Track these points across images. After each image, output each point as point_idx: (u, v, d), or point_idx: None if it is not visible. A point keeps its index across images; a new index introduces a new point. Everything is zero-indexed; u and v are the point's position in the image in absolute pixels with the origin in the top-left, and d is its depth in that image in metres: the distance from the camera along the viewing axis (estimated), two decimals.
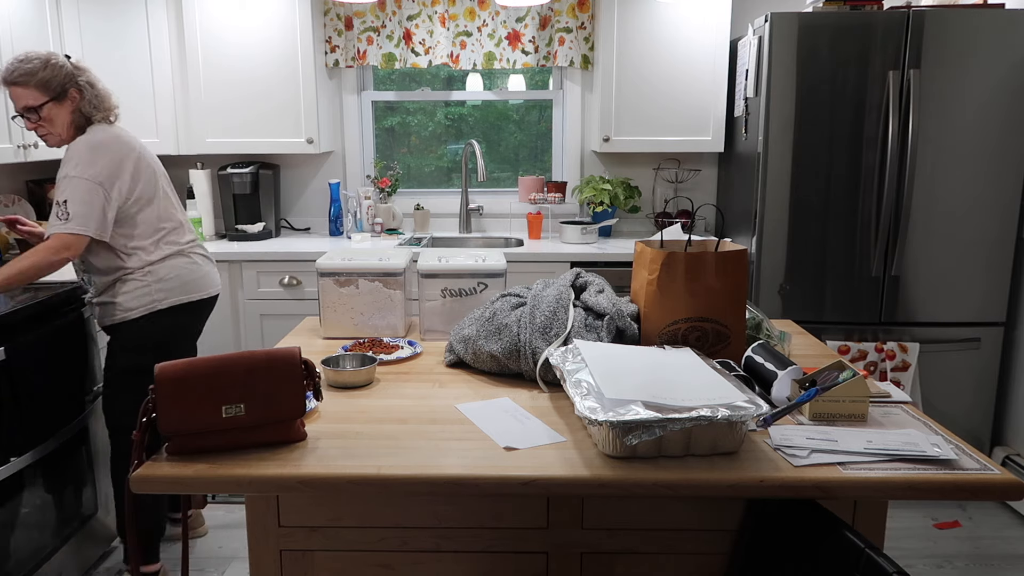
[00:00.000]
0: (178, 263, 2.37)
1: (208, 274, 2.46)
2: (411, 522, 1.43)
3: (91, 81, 2.29)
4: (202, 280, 2.43)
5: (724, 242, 1.80)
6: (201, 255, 2.47)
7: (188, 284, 2.38)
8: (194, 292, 2.40)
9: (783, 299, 3.09)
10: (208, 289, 2.45)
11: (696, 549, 1.43)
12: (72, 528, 2.50)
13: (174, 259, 2.37)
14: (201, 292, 2.42)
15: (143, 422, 1.29)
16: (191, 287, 2.39)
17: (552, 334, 1.64)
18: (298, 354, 1.34)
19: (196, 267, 2.41)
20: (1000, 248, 3.02)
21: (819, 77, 2.93)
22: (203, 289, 2.43)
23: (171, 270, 2.35)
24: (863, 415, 1.44)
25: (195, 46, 3.40)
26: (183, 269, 2.37)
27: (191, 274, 2.39)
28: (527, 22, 3.62)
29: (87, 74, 2.29)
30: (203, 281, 2.43)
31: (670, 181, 3.86)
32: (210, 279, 2.47)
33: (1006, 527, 2.91)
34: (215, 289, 2.49)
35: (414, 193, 3.96)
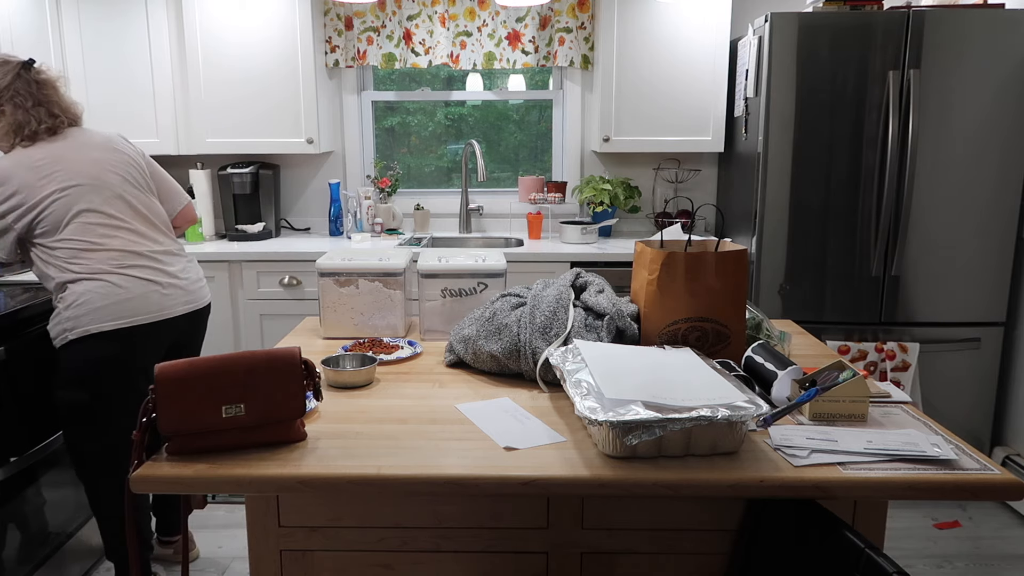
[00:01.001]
0: (89, 287, 2.06)
1: (137, 298, 2.10)
2: (411, 522, 1.43)
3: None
4: (122, 306, 2.07)
5: (724, 242, 1.80)
6: (137, 277, 2.11)
7: (99, 311, 2.05)
8: (108, 320, 2.06)
9: (783, 299, 3.09)
10: (133, 316, 2.09)
11: (696, 549, 1.43)
12: (72, 528, 2.50)
13: (87, 282, 2.06)
14: (120, 320, 2.07)
15: (143, 422, 1.29)
16: (103, 314, 2.06)
17: (552, 334, 1.64)
18: (298, 354, 1.34)
19: (115, 290, 2.07)
20: (1000, 248, 3.02)
21: (819, 77, 2.93)
22: (123, 316, 2.07)
23: (80, 296, 2.06)
24: (863, 415, 1.44)
25: (195, 46, 3.40)
26: (94, 294, 2.05)
27: (103, 299, 2.06)
28: (527, 22, 3.62)
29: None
30: (124, 307, 2.07)
31: (670, 181, 3.86)
32: (140, 304, 2.10)
33: (1006, 527, 2.91)
34: (151, 315, 2.13)
35: (414, 193, 3.96)
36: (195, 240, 3.52)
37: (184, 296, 2.23)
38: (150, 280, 2.15)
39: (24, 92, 2.10)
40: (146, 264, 2.16)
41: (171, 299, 2.18)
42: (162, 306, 2.16)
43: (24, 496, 2.29)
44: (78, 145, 2.15)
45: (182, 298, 2.22)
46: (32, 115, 2.10)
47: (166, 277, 2.19)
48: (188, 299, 2.24)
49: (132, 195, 2.19)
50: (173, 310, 2.19)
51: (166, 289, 2.17)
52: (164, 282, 2.18)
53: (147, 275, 2.15)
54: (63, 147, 2.13)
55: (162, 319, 2.16)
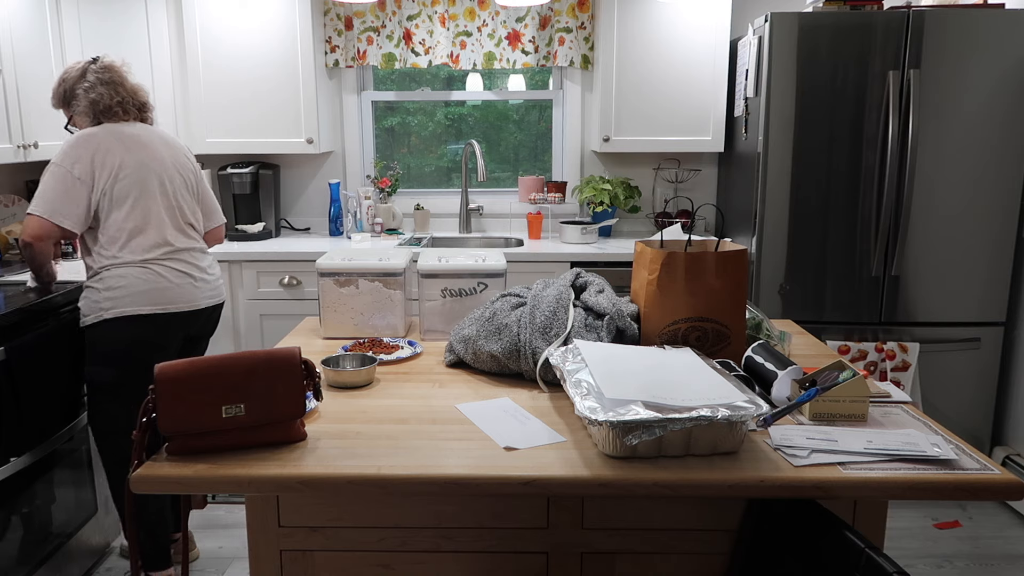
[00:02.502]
0: (132, 272, 2.22)
1: (175, 288, 2.28)
2: (411, 522, 1.43)
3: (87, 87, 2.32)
4: (162, 293, 2.25)
5: (724, 242, 1.80)
6: (175, 268, 2.30)
7: (138, 296, 2.22)
8: (146, 304, 2.22)
9: (783, 299, 3.09)
10: (169, 304, 2.26)
11: (696, 549, 1.43)
12: (72, 528, 2.50)
13: (130, 268, 2.23)
14: (157, 306, 2.24)
15: (143, 422, 1.29)
16: (142, 299, 2.22)
17: (552, 334, 1.64)
18: (298, 354, 1.34)
19: (157, 278, 2.24)
20: (1000, 248, 3.02)
21: (819, 77, 2.93)
22: (160, 303, 2.24)
23: (120, 279, 2.22)
24: (863, 415, 1.44)
25: (195, 46, 3.40)
26: (136, 279, 2.22)
27: (145, 284, 2.23)
28: (527, 22, 3.62)
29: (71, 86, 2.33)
30: (163, 294, 2.25)
31: (670, 181, 3.86)
32: (177, 293, 2.28)
33: (1006, 527, 2.91)
34: (184, 305, 2.30)
35: (414, 193, 3.96)
36: None
37: (210, 291, 2.41)
38: (186, 273, 2.33)
39: (92, 80, 2.31)
40: (185, 259, 2.34)
41: (201, 292, 2.37)
42: (193, 297, 2.34)
43: (24, 496, 2.29)
44: (158, 138, 2.38)
45: (208, 292, 2.40)
46: (103, 92, 2.30)
47: (199, 272, 2.38)
48: (212, 293, 2.42)
49: (184, 197, 2.40)
50: (200, 302, 2.36)
51: (198, 283, 2.36)
52: (197, 276, 2.36)
53: (184, 268, 2.33)
54: (146, 133, 2.35)
55: (191, 310, 2.33)
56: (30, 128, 2.98)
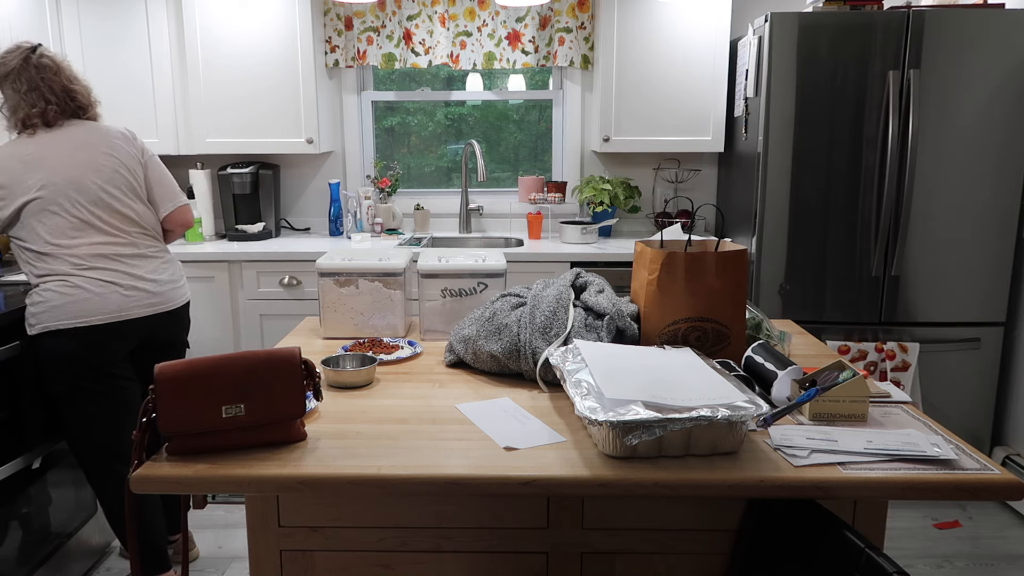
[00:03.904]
0: (51, 287, 2.12)
1: (96, 298, 2.13)
2: (411, 522, 1.43)
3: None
4: (80, 305, 2.11)
5: (724, 242, 1.80)
6: (97, 279, 2.14)
7: (56, 310, 2.10)
8: (64, 319, 2.10)
9: (783, 299, 3.09)
10: (90, 316, 2.12)
11: (696, 549, 1.43)
12: (72, 528, 2.50)
13: (49, 282, 2.12)
14: (77, 319, 2.11)
15: (143, 422, 1.29)
16: (60, 313, 2.10)
17: (552, 334, 1.64)
18: (298, 354, 1.34)
19: (74, 291, 2.11)
20: (1000, 248, 3.02)
21: (819, 77, 2.93)
22: (80, 315, 2.11)
23: (40, 295, 2.13)
24: (863, 415, 1.44)
25: (195, 46, 3.40)
26: (53, 294, 2.11)
27: (62, 299, 2.10)
28: (527, 22, 3.62)
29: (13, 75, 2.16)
30: (82, 306, 2.11)
31: (670, 181, 3.86)
32: (98, 304, 2.13)
33: (1006, 527, 2.91)
34: (109, 316, 2.14)
35: (414, 193, 3.96)
36: (195, 240, 3.52)
37: (148, 298, 2.23)
38: (111, 282, 2.17)
39: (23, 77, 2.14)
40: (109, 267, 2.18)
41: (131, 300, 2.19)
42: (121, 307, 2.17)
43: (24, 496, 2.29)
44: (71, 142, 2.18)
45: (145, 300, 2.22)
46: (24, 99, 2.15)
47: (130, 279, 2.20)
48: (153, 301, 2.24)
49: (113, 198, 2.21)
50: (133, 312, 2.20)
51: (127, 291, 2.19)
52: (126, 284, 2.19)
53: (109, 277, 2.17)
54: (55, 143, 2.16)
55: (121, 320, 2.18)
56: None
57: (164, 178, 2.37)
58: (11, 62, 2.15)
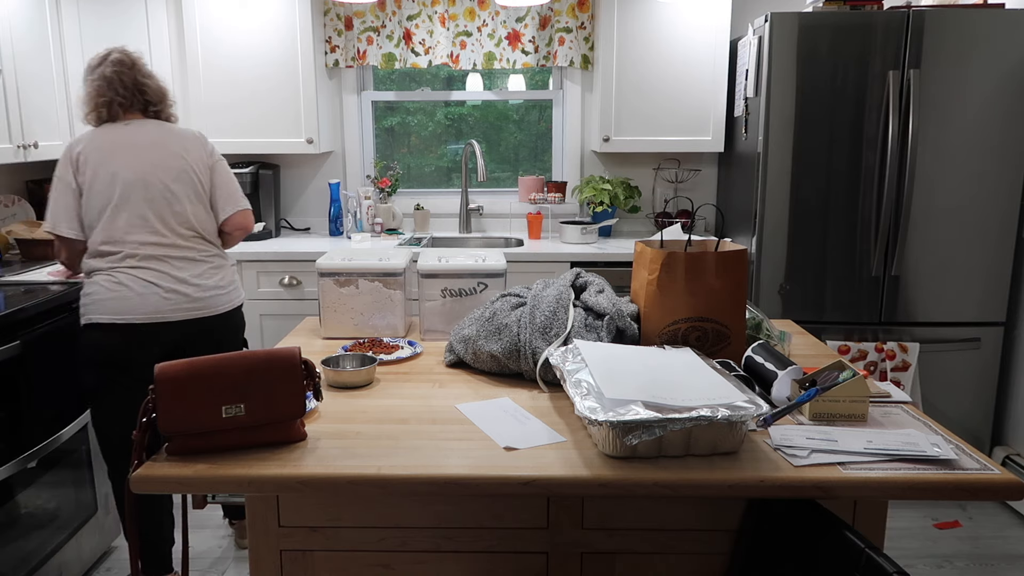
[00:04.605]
0: (99, 280, 2.18)
1: (135, 298, 2.16)
2: (411, 522, 1.43)
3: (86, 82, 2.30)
4: (123, 303, 2.15)
5: (724, 242, 1.80)
6: (140, 278, 2.17)
7: (101, 304, 2.16)
8: (106, 314, 2.15)
9: (783, 299, 3.09)
10: (128, 314, 2.15)
11: (696, 549, 1.43)
12: (72, 528, 2.50)
13: (99, 275, 2.19)
14: (116, 315, 2.15)
15: (143, 422, 1.29)
16: (103, 308, 2.16)
17: (552, 334, 1.64)
18: (298, 354, 1.34)
19: (118, 287, 2.15)
20: (1000, 248, 3.02)
21: (819, 77, 2.93)
22: (120, 312, 2.15)
23: (91, 287, 2.19)
24: (863, 415, 1.44)
25: (195, 46, 3.40)
26: (100, 287, 2.17)
27: (107, 293, 2.15)
28: (527, 22, 3.62)
29: (96, 70, 2.27)
30: (122, 304, 2.15)
31: (670, 181, 3.86)
32: (136, 304, 2.16)
33: (1006, 527, 2.91)
34: (145, 316, 2.16)
35: (414, 193, 3.96)
36: None
37: (187, 303, 2.22)
38: (152, 283, 2.18)
39: (98, 71, 2.26)
40: (155, 267, 2.20)
41: (170, 304, 2.19)
42: (158, 309, 2.18)
43: (25, 495, 2.29)
44: (144, 139, 2.25)
45: (183, 304, 2.21)
46: (96, 91, 2.25)
47: (171, 282, 2.20)
48: (192, 306, 2.23)
49: (176, 199, 2.24)
50: (170, 315, 2.19)
51: (167, 293, 2.19)
52: (166, 286, 2.20)
53: (152, 277, 2.19)
54: (130, 138, 2.24)
55: (156, 321, 2.18)
56: (30, 128, 2.98)
57: (228, 182, 2.38)
58: (93, 61, 2.28)
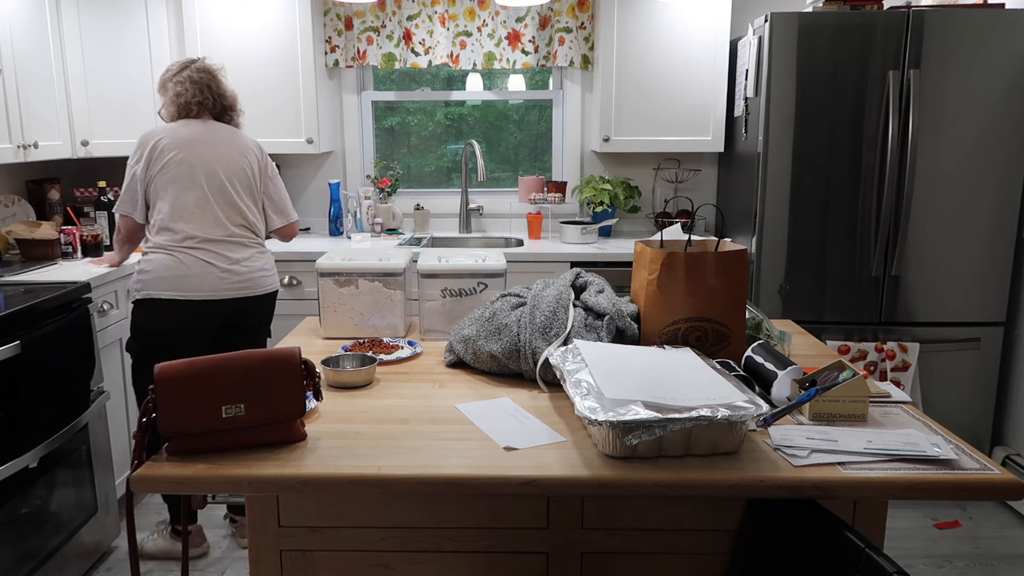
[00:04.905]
0: (158, 258, 2.38)
1: (195, 276, 2.38)
2: (411, 522, 1.43)
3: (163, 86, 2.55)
4: (181, 280, 2.37)
5: (724, 242, 1.80)
6: (199, 258, 2.40)
7: (160, 280, 2.36)
8: (165, 290, 2.36)
9: (783, 299, 3.09)
10: (188, 291, 2.37)
11: (696, 549, 1.43)
12: (72, 528, 2.50)
13: (158, 253, 2.40)
14: (176, 292, 2.37)
15: (143, 422, 1.29)
16: (163, 284, 2.36)
17: (552, 334, 1.64)
18: (298, 354, 1.34)
19: (178, 265, 2.37)
20: (1000, 248, 3.02)
21: (819, 77, 2.93)
22: (180, 289, 2.37)
23: (149, 263, 2.39)
24: (863, 415, 1.44)
25: (195, 46, 3.40)
26: (159, 264, 2.37)
27: (167, 271, 2.37)
28: (527, 22, 3.62)
29: (166, 78, 2.54)
30: (182, 281, 2.37)
31: (670, 181, 3.86)
32: (196, 282, 2.38)
33: (1006, 527, 2.91)
34: (203, 293, 2.39)
35: (414, 193, 3.96)
36: None
37: (239, 281, 2.47)
38: (210, 263, 2.42)
39: (182, 75, 2.51)
40: (212, 249, 2.44)
41: (225, 283, 2.44)
42: (215, 287, 2.42)
43: (24, 496, 2.29)
44: (215, 136, 2.50)
45: (236, 283, 2.46)
46: (179, 92, 2.50)
47: (226, 263, 2.45)
48: (242, 285, 2.48)
49: (234, 190, 2.50)
50: (224, 293, 2.44)
51: (223, 273, 2.44)
52: (222, 267, 2.44)
53: (209, 258, 2.42)
54: (205, 135, 2.49)
55: (212, 298, 2.42)
56: (30, 128, 2.98)
57: (281, 196, 2.68)
58: (174, 67, 2.54)
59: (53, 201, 3.44)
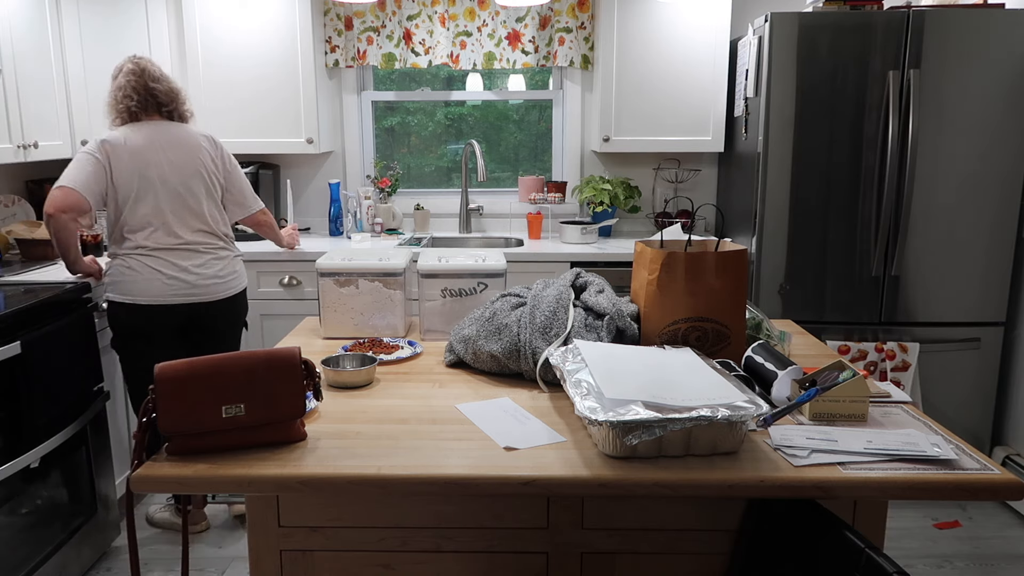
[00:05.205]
0: (116, 264, 2.47)
1: (143, 282, 2.44)
2: (411, 522, 1.43)
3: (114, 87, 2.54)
4: (133, 285, 2.44)
5: (724, 242, 1.80)
6: (148, 265, 2.44)
7: (117, 285, 2.46)
8: (122, 294, 2.45)
9: (783, 299, 3.09)
10: (138, 296, 2.44)
11: (696, 549, 1.43)
12: (72, 528, 2.50)
13: (117, 258, 2.48)
14: (129, 296, 2.45)
15: (143, 422, 1.29)
16: (119, 288, 2.46)
17: (552, 334, 1.64)
18: (298, 354, 1.34)
19: (129, 271, 2.44)
20: (1000, 248, 3.02)
21: (819, 77, 2.93)
22: (133, 294, 2.44)
23: (111, 268, 2.49)
24: (863, 415, 1.44)
25: (195, 46, 3.40)
26: (116, 270, 2.46)
27: (122, 276, 2.45)
28: (527, 22, 3.62)
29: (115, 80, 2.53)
30: (134, 287, 2.44)
31: (670, 181, 3.86)
32: (146, 287, 2.44)
33: (1006, 527, 2.91)
34: (151, 299, 2.44)
35: (414, 193, 3.96)
36: None
37: (187, 288, 2.49)
38: (157, 270, 2.46)
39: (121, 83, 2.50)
40: (161, 256, 2.47)
41: (171, 289, 2.47)
42: (161, 292, 2.46)
43: (25, 495, 2.29)
44: (164, 141, 2.49)
45: (184, 290, 2.48)
46: (115, 96, 2.51)
47: (174, 270, 2.47)
48: (192, 291, 2.50)
49: (191, 195, 2.51)
50: (170, 299, 2.47)
51: (168, 280, 2.46)
52: (169, 273, 2.47)
53: (158, 265, 2.46)
54: (151, 140, 2.47)
55: (161, 303, 2.46)
56: (30, 128, 2.98)
57: (237, 188, 2.66)
58: (114, 72, 2.55)
59: None
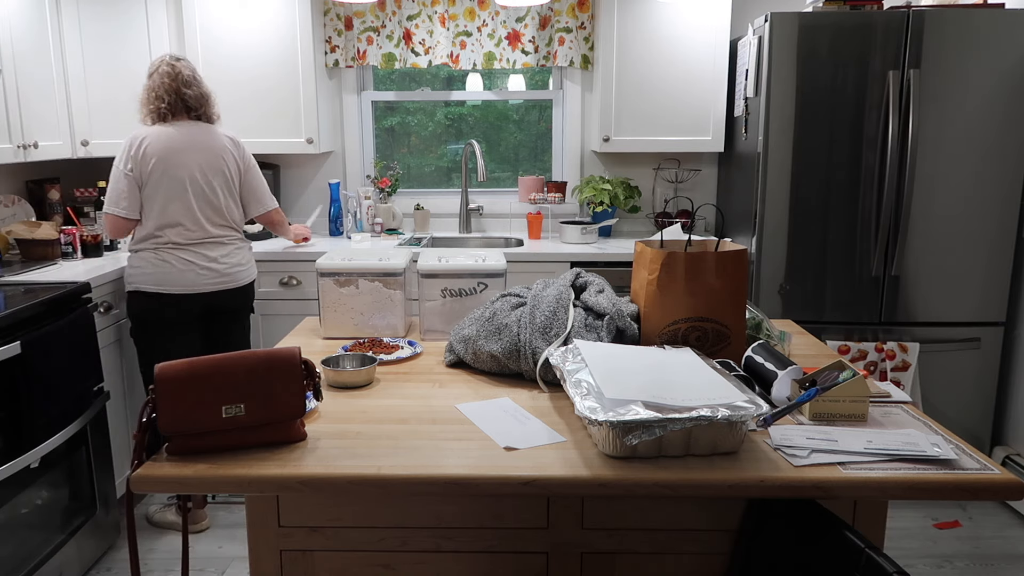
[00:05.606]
0: (145, 256, 2.64)
1: (176, 272, 2.63)
2: (411, 522, 1.43)
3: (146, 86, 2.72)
4: (166, 276, 2.63)
5: (724, 242, 1.80)
6: (181, 257, 2.65)
7: (145, 276, 2.63)
8: (149, 284, 2.63)
9: (783, 299, 3.09)
10: (171, 286, 2.63)
11: (696, 549, 1.43)
12: (72, 528, 2.50)
13: (145, 252, 2.64)
14: (161, 286, 2.63)
15: (143, 422, 1.29)
16: (147, 279, 2.63)
17: (552, 334, 1.64)
18: (298, 354, 1.34)
19: (162, 264, 2.63)
20: (1000, 248, 3.02)
21: (819, 77, 2.93)
22: (164, 283, 2.63)
23: (138, 260, 2.65)
24: (863, 415, 1.44)
25: (195, 46, 3.40)
26: (145, 261, 2.63)
27: (152, 267, 2.62)
28: (527, 22, 3.62)
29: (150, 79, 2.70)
30: (167, 277, 2.63)
31: (670, 181, 3.86)
32: (179, 277, 2.64)
33: (1006, 527, 2.91)
34: (183, 288, 2.65)
35: (414, 193, 3.96)
36: None
37: (216, 277, 2.71)
38: (191, 262, 2.66)
39: (155, 84, 2.68)
40: (193, 249, 2.67)
41: (203, 278, 2.68)
42: (194, 283, 2.67)
43: (25, 495, 2.29)
44: (190, 142, 2.67)
45: (214, 279, 2.70)
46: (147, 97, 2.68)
47: (205, 260, 2.69)
48: (220, 280, 2.72)
49: (213, 193, 2.70)
50: (203, 287, 2.69)
51: (201, 270, 2.68)
52: (202, 264, 2.68)
53: (191, 257, 2.66)
54: (182, 138, 2.66)
55: (192, 292, 2.67)
56: (30, 128, 2.98)
57: (257, 187, 2.85)
58: (150, 68, 2.72)
59: (53, 201, 3.44)
